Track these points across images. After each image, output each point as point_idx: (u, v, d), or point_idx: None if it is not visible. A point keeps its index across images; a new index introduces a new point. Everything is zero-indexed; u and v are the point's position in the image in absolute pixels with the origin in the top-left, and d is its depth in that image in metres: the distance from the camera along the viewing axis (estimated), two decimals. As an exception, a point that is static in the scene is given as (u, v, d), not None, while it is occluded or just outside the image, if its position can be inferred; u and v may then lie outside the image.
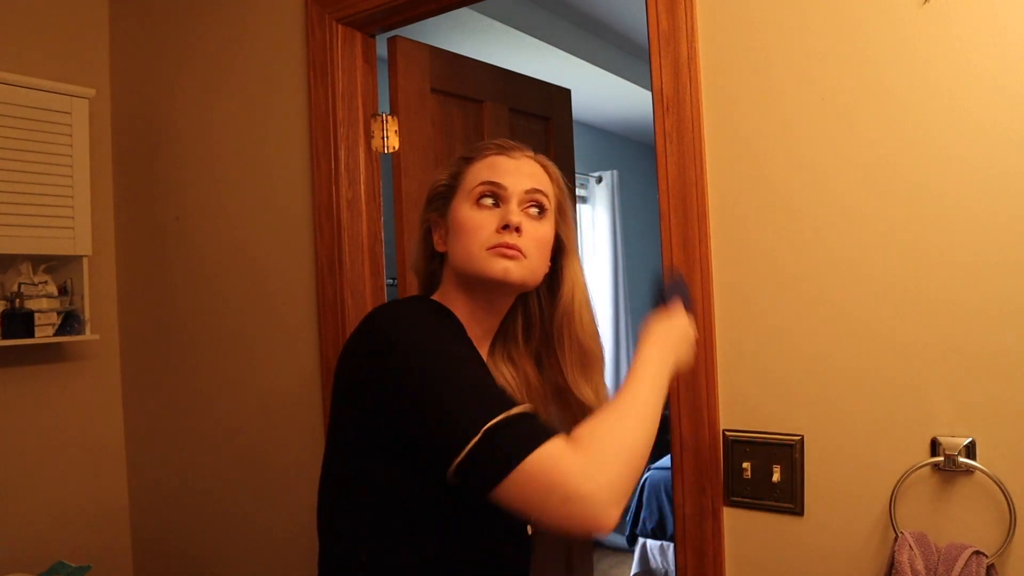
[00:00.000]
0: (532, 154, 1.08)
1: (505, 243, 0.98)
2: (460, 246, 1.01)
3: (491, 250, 0.98)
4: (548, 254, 1.06)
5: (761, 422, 1.21)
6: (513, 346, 1.12)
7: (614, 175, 4.66)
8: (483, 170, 1.03)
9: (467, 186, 1.03)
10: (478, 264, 0.99)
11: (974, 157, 1.05)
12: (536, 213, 1.03)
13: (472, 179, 1.03)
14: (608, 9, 3.25)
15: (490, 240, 0.98)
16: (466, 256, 1.00)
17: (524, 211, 1.01)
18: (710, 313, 1.24)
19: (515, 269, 0.98)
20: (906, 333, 1.10)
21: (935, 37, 1.07)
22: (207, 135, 1.95)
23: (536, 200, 1.03)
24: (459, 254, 1.01)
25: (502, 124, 2.03)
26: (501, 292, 1.04)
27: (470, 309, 1.04)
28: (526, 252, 0.99)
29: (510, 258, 0.98)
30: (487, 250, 0.98)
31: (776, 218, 1.20)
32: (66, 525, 2.00)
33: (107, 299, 2.13)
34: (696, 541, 1.26)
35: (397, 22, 1.68)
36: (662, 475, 3.71)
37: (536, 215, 1.03)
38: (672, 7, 1.25)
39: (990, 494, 1.04)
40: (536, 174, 1.05)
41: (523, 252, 0.99)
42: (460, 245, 1.01)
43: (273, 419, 1.82)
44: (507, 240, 0.98)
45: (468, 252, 1.00)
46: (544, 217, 1.04)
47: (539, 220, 1.03)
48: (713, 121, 1.24)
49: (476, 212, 1.01)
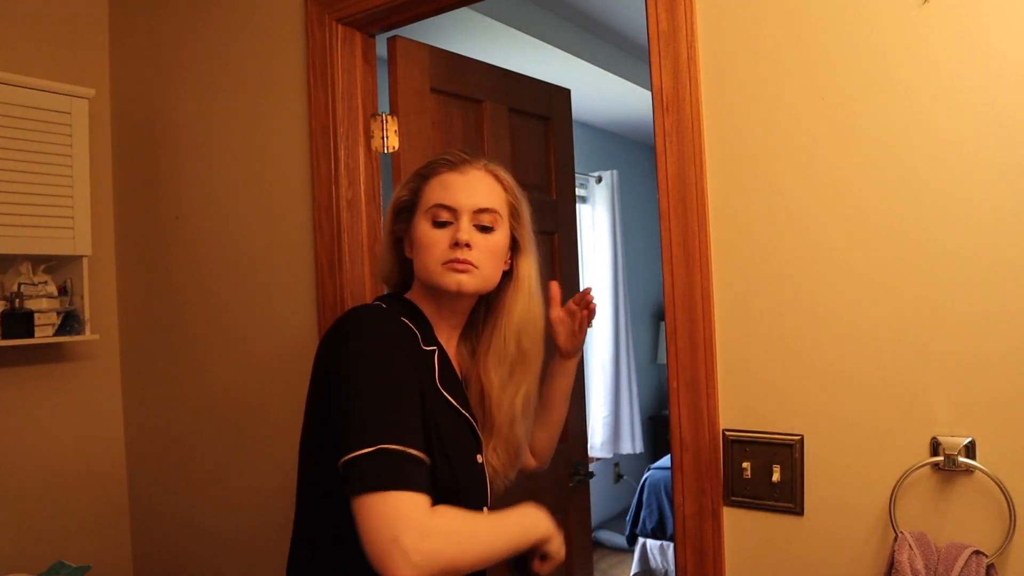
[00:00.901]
0: (483, 165, 1.18)
1: (456, 259, 1.10)
2: (420, 260, 1.14)
3: (445, 265, 1.11)
4: (502, 259, 1.18)
5: (761, 422, 1.21)
6: (475, 338, 1.25)
7: (614, 175, 4.66)
8: (436, 189, 1.14)
9: (424, 204, 1.15)
10: (435, 278, 1.12)
11: (973, 157, 1.05)
12: (487, 225, 1.13)
13: (428, 197, 1.15)
14: (608, 9, 3.25)
15: (444, 256, 1.11)
16: (425, 270, 1.13)
17: (475, 226, 1.12)
18: (709, 312, 1.24)
19: (468, 281, 1.11)
20: (906, 332, 1.10)
21: (935, 37, 1.07)
22: (207, 135, 1.95)
23: (486, 215, 1.13)
24: (420, 267, 1.14)
25: (502, 124, 2.03)
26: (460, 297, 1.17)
27: (436, 309, 1.18)
28: (478, 263, 1.12)
29: (462, 271, 1.11)
30: (442, 265, 1.11)
31: (776, 217, 1.20)
32: (66, 525, 2.00)
33: (107, 299, 2.13)
34: (696, 541, 1.26)
35: (397, 22, 1.68)
36: (662, 475, 3.71)
37: (487, 227, 1.13)
38: (672, 7, 1.25)
39: (990, 494, 1.04)
40: (486, 188, 1.15)
41: (475, 264, 1.11)
42: (420, 259, 1.14)
43: (273, 419, 1.82)
44: (458, 256, 1.10)
45: (426, 266, 1.13)
46: (496, 227, 1.15)
47: (490, 232, 1.14)
48: (713, 120, 1.24)
49: (432, 230, 1.13)
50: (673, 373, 1.27)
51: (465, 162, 1.16)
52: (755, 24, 1.20)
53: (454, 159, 1.16)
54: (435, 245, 1.12)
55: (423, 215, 1.14)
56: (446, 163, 1.16)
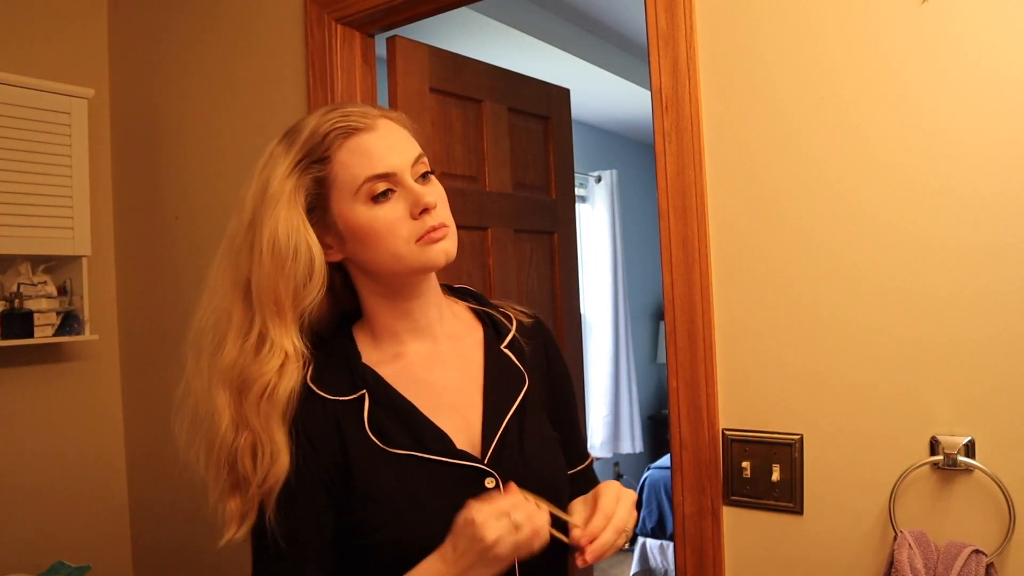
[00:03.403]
0: (377, 111, 0.93)
1: (431, 228, 0.88)
2: (382, 250, 0.89)
3: (420, 241, 0.88)
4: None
5: (760, 421, 1.21)
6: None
7: (613, 175, 4.66)
8: (355, 161, 0.88)
9: (347, 186, 0.88)
10: (414, 261, 0.89)
11: (972, 157, 1.05)
12: (426, 172, 0.92)
13: (349, 175, 0.88)
14: (608, 9, 3.25)
15: (414, 231, 0.88)
16: (392, 258, 0.89)
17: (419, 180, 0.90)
18: (709, 312, 1.24)
19: (451, 246, 0.91)
20: (906, 331, 1.10)
21: (934, 36, 1.07)
22: (206, 134, 1.95)
23: (420, 162, 0.91)
24: (381, 259, 0.90)
25: (501, 124, 2.04)
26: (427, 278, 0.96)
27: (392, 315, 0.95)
28: (447, 221, 0.91)
29: (442, 238, 0.89)
30: (416, 243, 0.88)
31: (775, 216, 1.20)
32: (66, 525, 2.00)
33: (106, 299, 2.13)
34: (696, 540, 1.26)
35: (396, 22, 1.68)
36: (662, 474, 3.72)
37: (427, 173, 0.92)
38: (671, 6, 1.25)
39: (989, 493, 1.04)
40: (400, 133, 0.93)
41: (445, 222, 0.90)
42: (382, 248, 0.89)
43: (273, 419, 1.82)
44: (430, 224, 0.88)
45: (394, 254, 0.88)
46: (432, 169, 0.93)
47: (431, 176, 0.93)
48: (712, 120, 1.24)
49: (378, 210, 0.88)
50: (673, 373, 1.27)
51: (364, 115, 0.90)
52: (754, 24, 1.20)
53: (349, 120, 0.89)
54: (395, 224, 0.88)
55: (352, 199, 0.88)
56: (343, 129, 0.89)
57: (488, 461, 0.91)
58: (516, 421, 0.95)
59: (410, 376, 0.95)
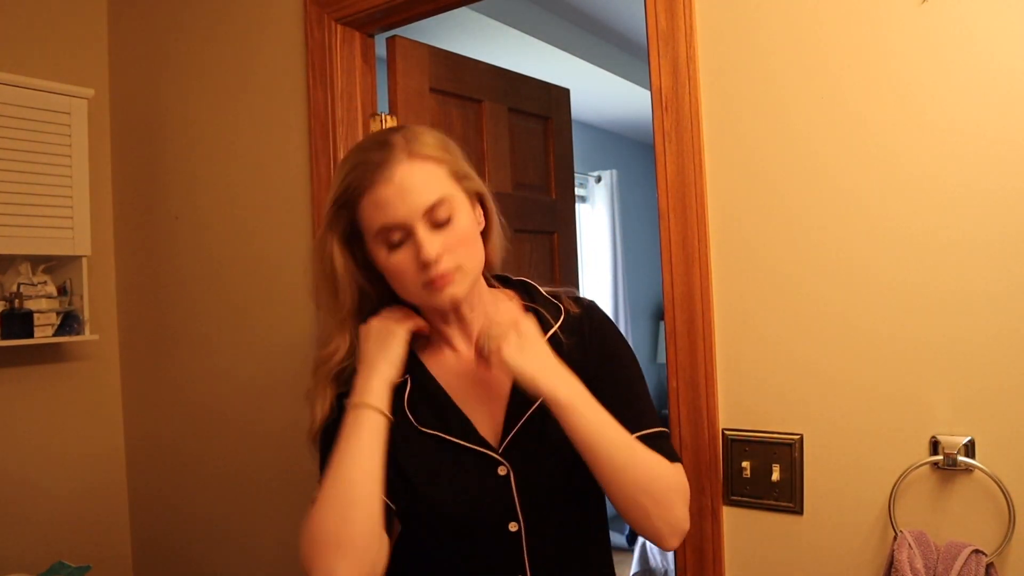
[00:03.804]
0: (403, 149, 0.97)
1: (432, 278, 0.96)
2: (397, 289, 1.02)
3: (426, 288, 0.97)
4: (476, 236, 1.02)
5: (760, 421, 1.21)
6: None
7: (613, 175, 4.66)
8: (371, 212, 0.97)
9: (368, 232, 0.99)
10: (424, 301, 1.01)
11: (972, 156, 1.05)
12: (444, 219, 0.97)
13: (368, 225, 0.98)
14: (608, 9, 3.25)
15: (419, 279, 0.97)
16: (408, 296, 1.02)
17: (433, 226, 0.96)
18: (709, 312, 1.24)
19: (458, 289, 0.98)
20: (906, 331, 1.10)
21: (934, 36, 1.07)
22: (206, 134, 1.95)
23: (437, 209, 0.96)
24: (401, 293, 1.02)
25: (501, 124, 2.04)
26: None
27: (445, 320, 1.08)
28: (457, 263, 0.97)
29: (444, 285, 0.97)
30: (422, 288, 0.98)
31: (775, 216, 1.20)
32: (66, 525, 2.00)
33: (106, 299, 2.13)
34: (696, 540, 1.26)
35: (396, 22, 1.68)
36: (662, 474, 3.71)
37: (445, 221, 0.97)
38: (671, 6, 1.25)
39: (989, 493, 1.04)
40: (421, 179, 0.96)
41: (455, 268, 0.97)
42: (397, 288, 1.02)
43: (276, 420, 1.82)
44: (432, 275, 0.96)
45: (408, 293, 1.01)
46: (453, 212, 0.97)
47: (450, 222, 0.97)
48: (712, 120, 1.24)
49: (392, 256, 0.98)
50: (673, 373, 1.27)
51: (384, 164, 0.96)
52: (754, 24, 1.20)
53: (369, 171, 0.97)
54: (406, 271, 0.97)
55: (373, 242, 0.99)
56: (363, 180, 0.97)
57: (502, 451, 1.01)
58: (539, 415, 1.01)
59: (451, 369, 1.08)
